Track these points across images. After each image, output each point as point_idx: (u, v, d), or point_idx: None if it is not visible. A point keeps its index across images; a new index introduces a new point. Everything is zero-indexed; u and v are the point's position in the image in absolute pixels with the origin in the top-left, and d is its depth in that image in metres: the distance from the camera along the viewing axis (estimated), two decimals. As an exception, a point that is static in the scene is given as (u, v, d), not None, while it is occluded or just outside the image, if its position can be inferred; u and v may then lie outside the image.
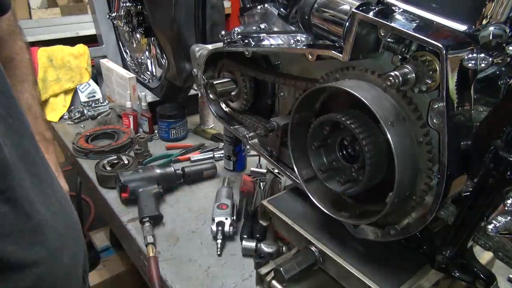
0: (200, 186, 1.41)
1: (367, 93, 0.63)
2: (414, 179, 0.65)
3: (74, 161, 1.61)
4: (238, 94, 1.04)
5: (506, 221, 0.55)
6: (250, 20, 1.03)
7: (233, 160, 1.45)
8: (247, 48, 0.92)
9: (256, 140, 1.05)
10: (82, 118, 1.89)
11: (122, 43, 2.18)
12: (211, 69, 1.12)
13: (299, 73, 0.87)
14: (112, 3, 2.03)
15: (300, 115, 0.77)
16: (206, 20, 1.53)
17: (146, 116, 1.72)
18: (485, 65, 0.55)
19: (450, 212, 0.63)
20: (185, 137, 1.73)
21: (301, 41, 0.88)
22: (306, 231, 0.80)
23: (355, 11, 0.63)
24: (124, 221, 1.23)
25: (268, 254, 0.99)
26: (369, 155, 0.62)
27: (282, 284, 0.76)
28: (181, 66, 1.58)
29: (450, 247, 0.65)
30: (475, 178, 0.58)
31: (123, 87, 1.82)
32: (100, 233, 2.25)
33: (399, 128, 0.61)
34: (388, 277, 0.70)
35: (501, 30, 0.55)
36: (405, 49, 0.62)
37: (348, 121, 0.63)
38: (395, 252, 0.75)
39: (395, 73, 0.58)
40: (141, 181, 1.28)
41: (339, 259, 0.73)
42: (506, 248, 0.61)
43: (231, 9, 3.59)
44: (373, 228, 0.73)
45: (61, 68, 1.94)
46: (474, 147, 0.58)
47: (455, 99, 0.57)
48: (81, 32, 3.25)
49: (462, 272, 0.65)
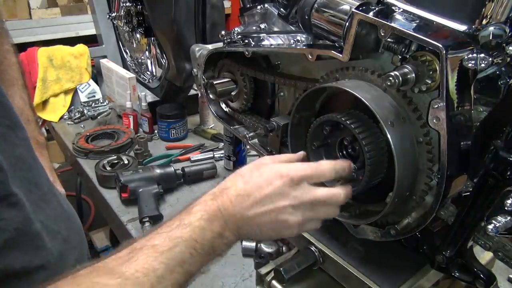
0: (200, 186, 1.41)
1: (367, 93, 0.63)
2: (414, 179, 0.65)
3: (74, 161, 1.61)
4: (238, 94, 1.04)
5: (506, 221, 0.55)
6: (250, 20, 1.03)
7: (233, 160, 1.45)
8: (247, 48, 0.92)
9: (256, 140, 1.05)
10: (82, 118, 1.89)
11: (122, 43, 2.18)
12: (211, 69, 1.12)
13: (299, 73, 0.87)
14: (112, 3, 2.03)
15: (300, 115, 0.77)
16: (206, 20, 1.53)
17: (146, 116, 1.72)
18: (485, 65, 0.55)
19: (450, 212, 0.63)
20: (185, 137, 1.73)
21: (301, 41, 0.88)
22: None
23: (355, 11, 0.63)
24: (124, 221, 1.23)
25: (268, 254, 0.99)
26: (369, 155, 0.62)
27: (282, 284, 0.76)
28: (181, 66, 1.58)
29: (450, 247, 0.64)
30: (475, 178, 0.58)
31: (123, 87, 1.82)
32: (100, 233, 2.25)
33: (399, 128, 0.61)
34: (388, 277, 0.70)
35: (501, 30, 0.55)
36: (405, 49, 0.62)
37: (348, 121, 0.63)
38: (395, 252, 0.75)
39: (395, 73, 0.58)
40: (141, 181, 1.28)
41: (339, 259, 0.73)
42: (506, 248, 0.61)
43: (231, 9, 3.59)
44: (373, 228, 0.73)
45: (61, 68, 1.94)
46: (474, 147, 0.58)
47: (455, 99, 0.57)
48: (81, 32, 3.25)
49: (462, 272, 0.65)
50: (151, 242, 0.53)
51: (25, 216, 0.68)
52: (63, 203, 0.85)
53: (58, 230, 0.77)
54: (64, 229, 0.79)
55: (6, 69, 1.02)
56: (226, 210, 0.57)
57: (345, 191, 0.63)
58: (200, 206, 0.57)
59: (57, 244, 0.75)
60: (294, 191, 0.59)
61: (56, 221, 0.78)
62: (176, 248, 0.52)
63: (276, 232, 0.61)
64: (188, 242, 0.53)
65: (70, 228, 0.83)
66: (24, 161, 0.73)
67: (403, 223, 0.69)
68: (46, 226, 0.73)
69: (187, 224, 0.55)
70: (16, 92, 1.03)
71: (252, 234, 0.60)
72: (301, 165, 0.62)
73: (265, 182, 0.58)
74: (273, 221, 0.58)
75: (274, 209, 0.58)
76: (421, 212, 0.67)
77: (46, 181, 0.80)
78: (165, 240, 0.53)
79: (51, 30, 3.30)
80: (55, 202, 0.81)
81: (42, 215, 0.73)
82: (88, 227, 2.48)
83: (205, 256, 0.56)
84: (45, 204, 0.76)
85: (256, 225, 0.58)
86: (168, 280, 0.51)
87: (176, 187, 1.38)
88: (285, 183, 0.58)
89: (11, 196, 0.66)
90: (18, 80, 1.04)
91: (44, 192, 0.77)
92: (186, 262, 0.53)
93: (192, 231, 0.54)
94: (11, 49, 1.04)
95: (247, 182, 0.59)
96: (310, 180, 0.61)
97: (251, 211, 0.57)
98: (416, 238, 0.72)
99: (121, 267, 0.49)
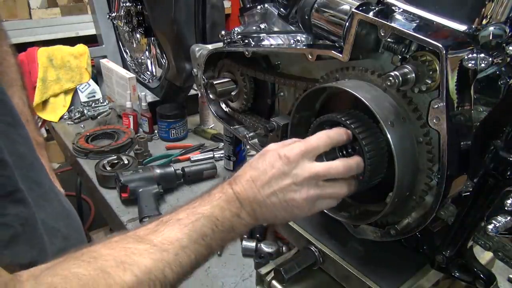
0: (200, 186, 1.41)
1: (367, 93, 0.63)
2: (414, 179, 0.65)
3: (74, 161, 1.61)
4: (238, 94, 1.04)
5: (506, 221, 0.55)
6: (250, 20, 1.03)
7: (233, 160, 1.45)
8: (247, 48, 0.92)
9: (256, 140, 1.05)
10: (82, 118, 1.89)
11: (122, 43, 2.18)
12: (211, 69, 1.12)
13: (299, 73, 0.87)
14: (112, 3, 2.03)
15: (300, 115, 0.77)
16: (206, 20, 1.53)
17: (146, 116, 1.72)
18: (485, 65, 0.55)
19: (450, 212, 0.63)
20: (185, 137, 1.73)
21: (301, 41, 0.88)
22: (306, 231, 0.80)
23: (355, 11, 0.63)
24: (124, 221, 1.23)
25: (268, 254, 0.99)
26: (369, 155, 0.62)
27: (282, 284, 0.76)
28: (181, 66, 1.58)
29: (450, 247, 0.64)
30: (475, 178, 0.58)
31: (123, 87, 1.82)
32: (100, 233, 2.25)
33: (399, 128, 0.61)
34: (388, 277, 0.70)
35: (501, 30, 0.55)
36: (405, 49, 0.62)
37: (348, 121, 0.64)
38: (395, 252, 0.75)
39: (395, 73, 0.58)
40: (141, 181, 1.28)
41: (339, 259, 0.73)
42: (506, 248, 0.61)
43: (231, 9, 3.59)
44: (373, 228, 0.73)
45: (61, 68, 1.94)
46: (474, 147, 0.58)
47: (455, 99, 0.57)
48: (81, 32, 3.26)
49: (462, 272, 0.65)
50: (176, 217, 0.59)
51: (30, 212, 0.68)
52: (64, 202, 0.86)
53: (58, 228, 0.78)
54: (64, 227, 0.80)
55: (5, 70, 1.02)
56: (240, 195, 0.62)
57: (343, 163, 0.63)
58: (218, 190, 0.63)
59: (57, 242, 0.76)
60: (294, 169, 0.62)
61: (57, 219, 0.78)
62: (198, 222, 0.58)
63: (289, 212, 0.63)
64: (209, 218, 0.59)
65: (70, 226, 0.83)
66: (26, 159, 0.74)
67: (403, 223, 0.69)
68: (46, 224, 0.73)
69: (208, 204, 0.61)
70: (15, 93, 1.03)
71: (267, 216, 0.63)
72: (298, 143, 0.64)
73: (268, 165, 0.62)
74: (282, 201, 0.62)
75: (279, 189, 0.61)
76: (421, 212, 0.67)
77: (47, 179, 0.80)
78: (188, 215, 0.59)
79: (51, 30, 3.30)
80: (56, 201, 0.81)
81: (43, 213, 0.74)
82: (88, 227, 2.48)
83: (226, 233, 0.61)
84: (46, 202, 0.76)
85: (268, 207, 0.62)
86: (190, 250, 0.56)
87: (176, 187, 1.38)
88: (284, 163, 0.62)
89: (17, 192, 0.66)
90: (17, 81, 1.04)
91: (45, 190, 0.77)
92: (208, 236, 0.58)
93: (212, 209, 0.60)
94: (9, 50, 1.04)
95: (255, 168, 0.63)
96: (307, 155, 0.63)
97: (260, 194, 0.61)
98: (416, 238, 0.72)
99: (150, 236, 0.55)
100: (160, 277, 0.52)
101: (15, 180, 0.66)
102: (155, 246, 0.54)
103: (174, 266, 0.54)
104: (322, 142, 0.64)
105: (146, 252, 0.53)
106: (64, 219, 0.82)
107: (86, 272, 0.48)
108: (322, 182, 0.63)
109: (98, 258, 0.50)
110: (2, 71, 1.01)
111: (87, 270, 0.48)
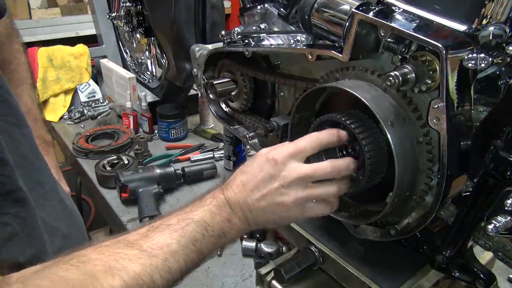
0: (200, 186, 1.41)
1: (367, 93, 0.63)
2: (414, 179, 0.65)
3: (74, 161, 1.61)
4: (238, 94, 1.04)
5: (506, 221, 0.55)
6: (250, 20, 1.03)
7: (233, 160, 1.45)
8: (247, 48, 0.92)
9: (256, 140, 1.05)
10: (82, 118, 1.89)
11: (122, 43, 2.18)
12: (211, 69, 1.12)
13: (299, 73, 0.87)
14: (112, 3, 2.03)
15: (300, 115, 0.77)
16: (206, 20, 1.53)
17: (146, 116, 1.72)
18: (485, 65, 0.55)
19: (450, 212, 0.63)
20: (185, 137, 1.73)
21: (301, 41, 0.88)
22: (306, 231, 0.80)
23: (355, 11, 0.63)
24: (124, 221, 1.23)
25: (268, 254, 1.00)
26: (369, 155, 0.62)
27: (282, 284, 0.76)
28: (181, 66, 1.58)
29: (450, 247, 0.64)
30: (475, 178, 0.58)
31: (123, 87, 1.82)
32: (100, 233, 2.25)
33: (399, 128, 0.61)
34: (388, 277, 0.70)
35: (501, 30, 0.55)
36: (405, 49, 0.62)
37: (348, 121, 0.63)
38: (395, 252, 0.75)
39: (395, 73, 0.58)
40: (141, 181, 1.28)
41: (339, 259, 0.73)
42: (506, 248, 0.61)
43: (231, 9, 3.59)
44: (373, 228, 0.73)
45: (61, 68, 1.94)
46: (474, 147, 0.58)
47: (455, 99, 0.57)
48: (81, 32, 3.25)
49: (462, 272, 0.65)
50: (167, 222, 0.59)
51: (30, 211, 0.69)
52: (66, 201, 0.86)
53: (58, 228, 0.78)
54: (64, 226, 0.80)
55: (16, 69, 1.04)
56: (230, 200, 0.61)
57: (331, 164, 0.62)
58: (209, 195, 0.63)
59: (57, 241, 0.76)
60: (282, 171, 0.61)
61: (57, 218, 0.78)
62: (188, 227, 0.58)
63: (279, 216, 0.63)
64: (199, 223, 0.59)
65: (71, 225, 0.83)
66: (28, 159, 0.74)
67: (403, 223, 0.69)
68: (46, 223, 0.74)
69: (199, 209, 0.61)
70: (25, 91, 1.04)
71: (259, 220, 0.63)
72: (287, 145, 0.63)
73: (257, 169, 0.62)
74: (272, 205, 0.61)
75: (268, 192, 0.61)
76: (421, 212, 0.67)
77: (48, 179, 0.80)
78: (179, 220, 0.59)
79: (51, 30, 3.29)
80: (57, 200, 0.81)
81: (43, 212, 0.74)
82: (88, 227, 2.48)
83: (217, 238, 0.60)
84: (47, 202, 0.77)
85: (259, 211, 0.62)
86: (180, 255, 0.56)
87: (176, 187, 1.38)
88: (272, 166, 0.61)
89: (17, 191, 0.67)
90: (27, 79, 1.06)
91: (46, 190, 0.78)
92: (198, 241, 0.58)
93: (203, 214, 0.60)
94: (21, 49, 1.06)
95: (245, 173, 0.63)
96: (296, 156, 0.62)
97: (250, 198, 0.61)
98: (416, 238, 0.72)
99: (140, 241, 0.55)
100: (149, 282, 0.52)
101: (15, 179, 0.66)
102: (144, 252, 0.54)
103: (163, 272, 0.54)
104: (311, 144, 0.63)
105: (135, 257, 0.53)
106: (65, 218, 0.82)
107: (74, 277, 0.48)
108: (311, 184, 0.62)
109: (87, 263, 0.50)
110: (13, 69, 1.03)
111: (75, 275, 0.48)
